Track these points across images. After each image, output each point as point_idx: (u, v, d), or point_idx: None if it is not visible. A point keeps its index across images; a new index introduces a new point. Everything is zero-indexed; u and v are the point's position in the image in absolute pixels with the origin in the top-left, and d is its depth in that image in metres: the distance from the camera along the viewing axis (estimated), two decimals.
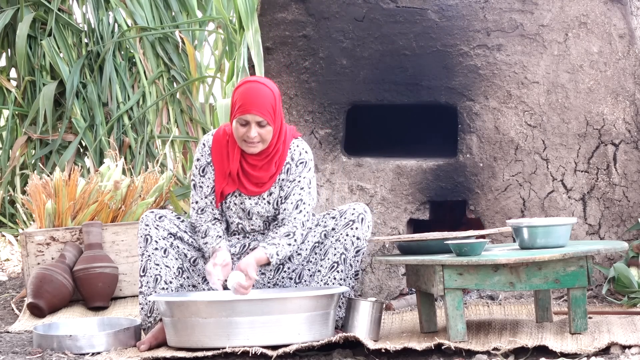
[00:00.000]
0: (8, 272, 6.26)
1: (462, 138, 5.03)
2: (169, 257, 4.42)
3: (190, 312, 3.99)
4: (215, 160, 4.40)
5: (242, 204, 4.43)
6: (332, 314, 4.19)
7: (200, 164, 4.44)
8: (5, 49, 7.41)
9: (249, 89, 4.30)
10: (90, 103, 7.03)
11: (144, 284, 4.39)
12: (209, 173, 4.42)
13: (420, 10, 5.05)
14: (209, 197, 4.42)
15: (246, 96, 4.28)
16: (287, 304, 4.01)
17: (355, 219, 4.41)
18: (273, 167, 4.38)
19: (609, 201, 4.97)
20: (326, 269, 4.40)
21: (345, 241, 4.40)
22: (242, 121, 4.28)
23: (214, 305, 4.00)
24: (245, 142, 4.31)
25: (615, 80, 4.97)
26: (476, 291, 5.02)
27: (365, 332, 4.25)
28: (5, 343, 4.52)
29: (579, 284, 4.09)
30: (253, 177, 4.38)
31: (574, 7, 4.98)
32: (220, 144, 4.41)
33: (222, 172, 4.40)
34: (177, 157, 7.19)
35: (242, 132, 4.29)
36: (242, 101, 4.27)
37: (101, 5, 7.24)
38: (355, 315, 4.28)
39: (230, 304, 3.98)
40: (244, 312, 3.95)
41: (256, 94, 4.28)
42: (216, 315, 3.96)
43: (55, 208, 5.33)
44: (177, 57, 7.20)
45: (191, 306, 4.01)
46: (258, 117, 4.26)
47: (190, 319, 3.99)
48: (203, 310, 3.98)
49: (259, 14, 5.20)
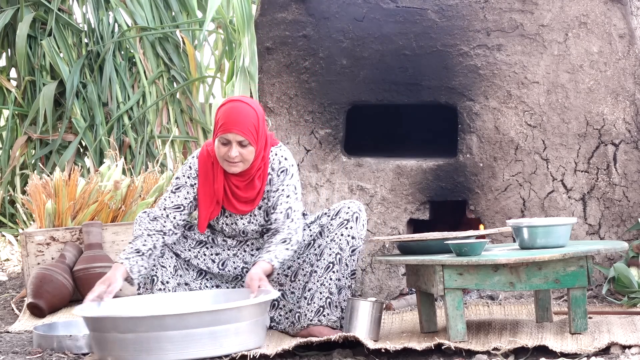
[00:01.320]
0: (8, 272, 6.26)
1: (462, 138, 5.03)
2: (164, 257, 4.42)
3: (109, 327, 3.91)
4: (202, 184, 4.38)
5: (234, 224, 4.44)
6: (262, 321, 4.07)
7: (178, 183, 4.41)
8: (5, 49, 7.41)
9: (232, 108, 4.29)
10: (90, 103, 7.04)
11: (141, 285, 4.39)
12: (183, 192, 4.38)
13: (420, 10, 5.05)
14: (167, 211, 4.37)
15: (228, 115, 4.26)
16: (205, 317, 3.89)
17: (350, 218, 4.41)
18: (257, 183, 4.37)
19: (609, 201, 4.97)
20: (322, 269, 4.40)
21: (340, 241, 4.39)
22: (224, 140, 4.26)
23: (131, 320, 3.89)
24: (227, 162, 4.30)
25: (615, 80, 4.97)
26: (476, 291, 5.02)
27: (365, 332, 4.25)
28: (5, 343, 4.52)
29: (579, 284, 4.09)
30: (241, 197, 4.38)
31: (574, 7, 4.98)
32: (206, 166, 4.39)
33: (210, 197, 4.38)
34: (177, 157, 7.19)
35: (224, 151, 4.27)
36: (224, 120, 4.25)
37: (101, 5, 7.24)
38: (355, 315, 4.28)
39: (148, 320, 3.87)
40: (161, 327, 3.85)
41: (238, 113, 4.26)
42: (134, 330, 3.88)
43: (55, 208, 5.33)
44: (177, 57, 7.20)
45: (109, 321, 3.93)
46: (239, 136, 4.24)
47: (109, 334, 3.92)
48: (121, 325, 3.89)
49: (259, 13, 5.20)
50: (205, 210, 4.40)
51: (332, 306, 4.38)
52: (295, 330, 4.41)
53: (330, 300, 4.37)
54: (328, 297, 4.37)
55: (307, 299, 4.39)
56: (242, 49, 5.20)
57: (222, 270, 4.50)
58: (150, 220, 4.36)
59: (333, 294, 4.37)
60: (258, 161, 4.34)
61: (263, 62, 5.19)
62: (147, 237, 4.32)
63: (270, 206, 4.39)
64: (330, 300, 4.37)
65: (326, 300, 4.37)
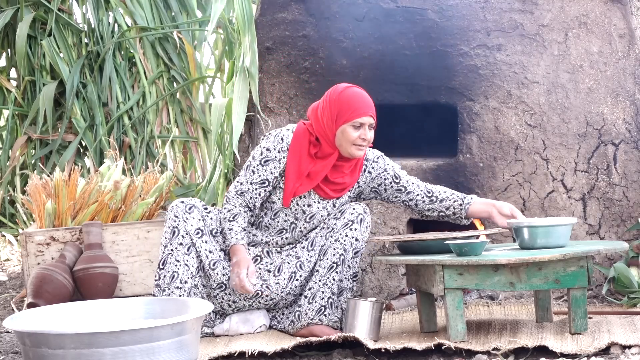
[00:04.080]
0: (8, 272, 6.26)
1: (462, 138, 5.03)
2: (191, 254, 4.42)
3: (40, 342, 3.86)
4: (292, 158, 4.38)
5: (308, 205, 4.44)
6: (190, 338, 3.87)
7: (268, 155, 4.39)
8: (5, 49, 7.41)
9: (358, 92, 4.36)
10: (90, 103, 7.03)
11: (161, 277, 4.39)
12: (271, 167, 4.39)
13: (420, 10, 5.05)
14: (255, 185, 4.39)
15: (359, 100, 4.32)
16: (138, 334, 3.73)
17: (355, 220, 4.41)
18: (357, 172, 4.45)
19: (609, 201, 4.97)
20: (325, 269, 4.40)
21: (345, 242, 4.39)
22: (357, 124, 4.31)
23: (62, 337, 3.83)
24: (356, 146, 4.33)
25: (615, 80, 4.97)
26: (476, 291, 5.02)
27: (365, 332, 4.25)
28: (5, 343, 4.52)
29: (579, 284, 4.09)
30: (337, 184, 4.41)
31: (574, 7, 4.98)
32: (301, 144, 4.39)
33: (298, 172, 4.38)
34: (177, 157, 7.19)
35: (356, 135, 4.31)
36: (358, 104, 4.31)
37: (101, 5, 7.24)
38: (355, 316, 4.28)
39: (78, 336, 3.72)
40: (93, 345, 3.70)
41: (365, 97, 4.35)
42: (64, 347, 3.82)
43: (55, 208, 5.33)
44: (177, 57, 7.20)
45: (40, 337, 3.87)
46: (372, 119, 4.34)
47: (39, 349, 3.87)
48: (52, 341, 3.84)
49: (259, 13, 5.20)
50: (291, 184, 4.40)
51: (333, 306, 4.38)
52: (296, 329, 4.41)
53: (332, 301, 4.37)
54: (330, 297, 4.37)
55: (308, 298, 4.39)
56: (242, 49, 5.20)
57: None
58: (239, 195, 4.41)
59: (335, 295, 4.38)
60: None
61: (263, 62, 5.19)
62: (244, 213, 4.40)
63: (399, 186, 4.50)
64: (332, 300, 4.37)
65: (328, 300, 4.37)
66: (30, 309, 4.03)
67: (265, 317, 4.49)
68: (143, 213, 5.45)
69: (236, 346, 4.17)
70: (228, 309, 4.49)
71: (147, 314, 4.08)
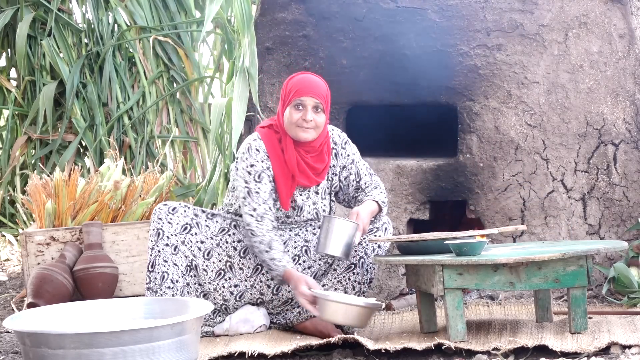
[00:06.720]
0: (8, 272, 6.26)
1: (462, 138, 5.03)
2: (178, 254, 4.41)
3: (40, 342, 3.86)
4: (275, 163, 4.38)
5: (292, 201, 4.46)
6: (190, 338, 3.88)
7: (256, 170, 4.37)
8: (5, 49, 7.41)
9: (305, 76, 4.39)
10: (90, 103, 7.04)
11: (152, 279, 4.39)
12: (265, 178, 4.37)
13: (420, 10, 5.05)
14: (268, 203, 4.37)
15: (302, 82, 4.35)
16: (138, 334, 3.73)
17: (379, 227, 4.44)
18: (325, 156, 4.43)
19: (609, 201, 4.97)
20: (342, 268, 4.41)
21: (367, 245, 4.42)
22: (298, 103, 4.32)
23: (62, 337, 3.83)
24: (300, 127, 4.33)
25: (615, 80, 4.97)
26: (476, 291, 5.02)
27: (340, 251, 4.26)
28: (5, 343, 4.52)
29: (578, 284, 4.09)
30: (312, 167, 4.41)
31: (574, 7, 4.98)
32: (273, 144, 4.40)
33: (285, 174, 4.39)
34: (177, 157, 7.19)
35: (298, 116, 4.32)
36: (299, 86, 4.34)
37: (101, 5, 7.24)
38: (328, 233, 4.27)
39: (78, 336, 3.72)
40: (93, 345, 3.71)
41: (311, 80, 4.37)
42: (64, 347, 3.82)
43: (55, 208, 5.33)
44: (176, 57, 7.20)
45: (40, 337, 3.88)
46: (314, 99, 4.32)
47: (40, 349, 3.87)
48: (52, 341, 3.84)
49: (259, 13, 5.20)
50: (286, 188, 4.40)
51: None
52: (301, 320, 4.42)
53: None
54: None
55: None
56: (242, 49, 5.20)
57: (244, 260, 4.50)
58: (260, 221, 4.33)
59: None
60: (322, 137, 4.39)
61: (263, 62, 5.19)
62: (274, 236, 4.32)
63: (352, 176, 4.49)
64: None
65: None
66: (30, 309, 4.03)
67: (265, 317, 4.49)
68: (143, 213, 5.45)
69: (236, 346, 4.17)
70: (230, 299, 4.47)
71: (147, 314, 4.08)
